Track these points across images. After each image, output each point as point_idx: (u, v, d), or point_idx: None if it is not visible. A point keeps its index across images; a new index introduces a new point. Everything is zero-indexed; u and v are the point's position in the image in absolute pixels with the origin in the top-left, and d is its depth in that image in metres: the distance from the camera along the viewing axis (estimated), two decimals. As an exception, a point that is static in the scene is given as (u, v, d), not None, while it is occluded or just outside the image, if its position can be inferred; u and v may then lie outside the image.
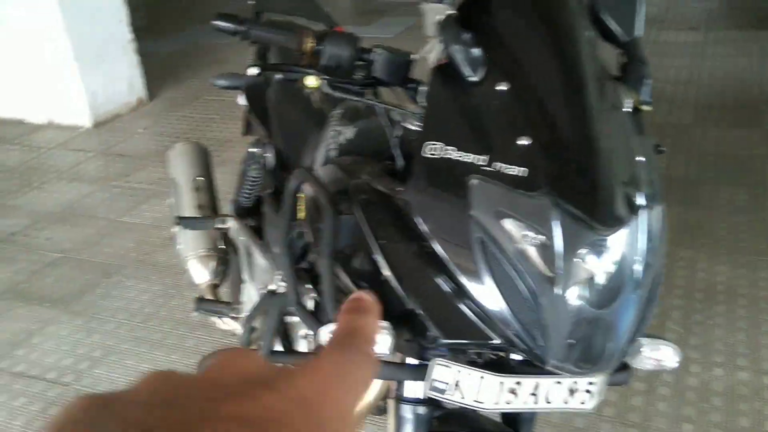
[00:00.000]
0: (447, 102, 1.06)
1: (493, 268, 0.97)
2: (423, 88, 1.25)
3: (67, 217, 3.61)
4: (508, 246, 0.96)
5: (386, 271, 1.09)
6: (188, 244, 2.19)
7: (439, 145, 1.03)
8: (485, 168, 0.99)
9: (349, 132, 1.48)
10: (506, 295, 0.96)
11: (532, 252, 0.96)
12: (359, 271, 1.17)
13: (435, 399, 1.18)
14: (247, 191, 2.22)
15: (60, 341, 2.67)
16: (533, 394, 1.05)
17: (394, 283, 1.08)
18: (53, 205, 3.74)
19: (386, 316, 1.08)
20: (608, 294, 0.96)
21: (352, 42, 1.23)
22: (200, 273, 2.16)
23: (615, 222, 0.96)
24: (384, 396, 1.52)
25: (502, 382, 1.04)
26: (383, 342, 1.04)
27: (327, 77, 1.23)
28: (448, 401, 1.06)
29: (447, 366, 1.04)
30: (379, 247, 1.12)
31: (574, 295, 0.95)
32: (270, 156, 2.04)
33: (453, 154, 1.01)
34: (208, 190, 2.35)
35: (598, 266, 0.95)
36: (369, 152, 1.42)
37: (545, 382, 1.04)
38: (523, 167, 0.97)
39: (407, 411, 1.20)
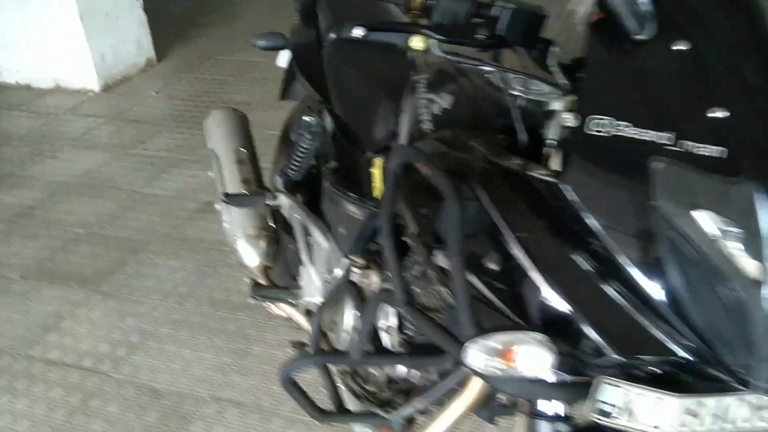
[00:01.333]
0: (611, 66, 0.87)
1: (684, 270, 0.79)
2: (555, 49, 1.06)
3: (84, 188, 3.41)
4: (704, 243, 0.78)
5: (532, 273, 0.91)
6: (236, 223, 2.01)
7: (607, 119, 0.84)
8: (670, 148, 0.81)
9: (444, 101, 1.29)
10: (701, 302, 0.79)
11: (735, 250, 0.78)
12: (487, 269, 0.99)
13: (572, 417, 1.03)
14: (298, 163, 2.02)
15: (93, 325, 2.51)
16: (715, 415, 0.88)
17: (543, 286, 0.90)
18: (69, 175, 3.54)
19: (534, 326, 0.91)
20: None
21: None
22: (251, 255, 1.99)
23: None
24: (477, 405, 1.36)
25: (684, 404, 0.87)
26: (541, 358, 0.87)
27: (440, 37, 1.03)
28: (614, 426, 0.90)
29: (616, 385, 0.87)
30: (519, 242, 0.94)
31: None
32: (328, 125, 1.84)
33: (627, 130, 0.83)
34: (251, 162, 2.16)
35: None
36: (470, 125, 1.23)
37: (727, 400, 0.87)
38: (720, 146, 0.80)
39: (545, 428, 1.03)
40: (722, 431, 0.89)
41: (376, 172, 1.54)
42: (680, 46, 0.84)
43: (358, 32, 1.08)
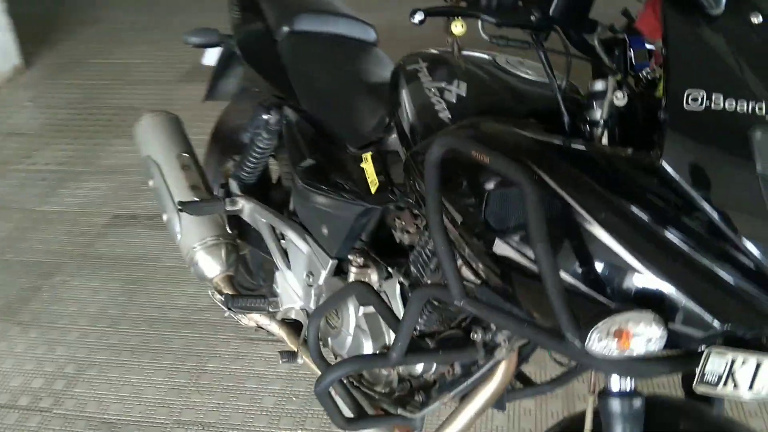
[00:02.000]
0: (694, 41, 0.88)
1: None
2: (598, 30, 1.06)
3: (-31, 212, 3.08)
4: None
5: (621, 252, 0.91)
6: (192, 233, 1.88)
7: (702, 92, 0.85)
8: (766, 116, 0.83)
9: (459, 88, 1.26)
10: None
11: None
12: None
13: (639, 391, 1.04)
14: (254, 165, 1.93)
15: (19, 360, 2.26)
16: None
17: (636, 264, 0.90)
18: (-51, 199, 3.17)
19: (623, 300, 0.91)
20: None
21: None
22: (213, 266, 1.86)
23: None
24: (501, 392, 1.35)
25: (780, 365, 0.90)
26: (653, 336, 0.87)
27: (493, 20, 1.00)
28: (719, 395, 0.91)
29: (722, 353, 0.89)
30: (600, 223, 0.93)
31: None
32: (293, 122, 1.76)
33: (720, 103, 0.84)
34: (196, 167, 2.02)
35: None
36: (492, 112, 1.21)
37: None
38: None
39: (618, 406, 1.04)
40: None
41: (368, 167, 1.49)
42: (756, 18, 0.86)
43: (418, 17, 1.02)
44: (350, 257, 1.54)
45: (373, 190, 1.46)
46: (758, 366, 0.89)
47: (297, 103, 1.73)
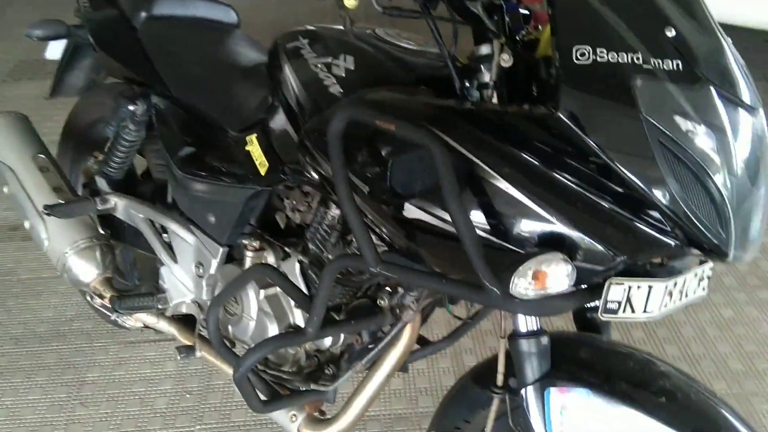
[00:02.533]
0: (576, 2, 0.96)
1: (673, 168, 0.93)
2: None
3: None
4: (688, 143, 0.92)
5: (526, 201, 0.98)
6: (61, 238, 1.77)
7: (588, 48, 0.93)
8: (644, 66, 0.93)
9: (347, 62, 1.28)
10: (690, 193, 0.93)
11: (708, 144, 0.93)
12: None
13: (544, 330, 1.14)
14: (121, 159, 1.85)
15: None
16: (680, 291, 1.05)
17: (540, 210, 0.98)
18: None
19: (532, 246, 0.98)
20: (754, 174, 0.98)
21: None
22: (89, 269, 1.77)
23: (758, 102, 0.99)
24: (407, 354, 1.41)
25: (666, 287, 1.02)
26: (564, 274, 0.95)
27: (383, -9, 1.04)
28: (620, 320, 1.02)
29: (620, 283, 0.99)
30: (504, 177, 1.00)
31: (744, 178, 0.96)
32: (163, 111, 1.71)
33: (605, 56, 0.93)
34: (55, 167, 1.90)
35: (744, 146, 0.97)
36: (383, 83, 1.24)
37: (688, 277, 1.05)
38: (677, 59, 0.94)
39: (526, 345, 1.13)
40: (682, 304, 1.06)
41: (255, 149, 1.48)
42: None
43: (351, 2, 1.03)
44: (244, 242, 1.53)
45: (262, 171, 1.46)
46: (650, 289, 1.01)
47: (166, 91, 1.67)
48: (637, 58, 0.93)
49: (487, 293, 0.99)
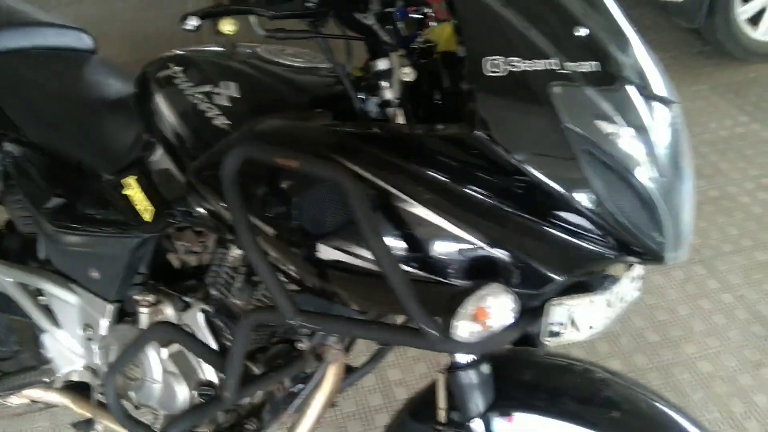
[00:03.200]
0: (482, 11, 0.88)
1: (602, 175, 0.87)
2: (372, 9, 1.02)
3: None
4: (612, 147, 0.87)
5: (453, 229, 0.90)
6: None
7: (500, 59, 0.86)
8: (560, 72, 0.86)
9: (230, 89, 1.15)
10: (622, 200, 0.88)
11: (633, 146, 0.88)
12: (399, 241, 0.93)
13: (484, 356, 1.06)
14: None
15: None
16: (619, 299, 1.00)
17: (469, 237, 0.89)
18: None
19: (466, 277, 0.90)
20: (677, 170, 0.94)
21: None
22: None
23: (674, 95, 0.95)
24: (335, 392, 1.31)
25: (605, 298, 0.96)
26: (506, 305, 0.87)
27: (266, 13, 0.92)
28: (563, 342, 0.95)
29: (561, 304, 0.93)
30: (424, 204, 0.91)
31: (671, 176, 0.91)
32: (21, 158, 1.50)
33: (519, 65, 0.86)
34: None
35: (666, 142, 0.93)
36: (274, 108, 1.12)
37: (625, 282, 1.00)
38: (592, 60, 0.88)
39: (468, 377, 1.04)
40: (621, 311, 1.01)
41: (135, 193, 1.32)
42: None
43: (192, 23, 0.88)
44: (137, 297, 1.37)
45: (147, 217, 1.30)
46: (591, 304, 0.95)
47: (20, 136, 1.47)
48: (553, 64, 0.86)
49: (424, 337, 0.90)
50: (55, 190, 1.45)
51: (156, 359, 1.35)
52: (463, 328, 0.85)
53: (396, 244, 0.93)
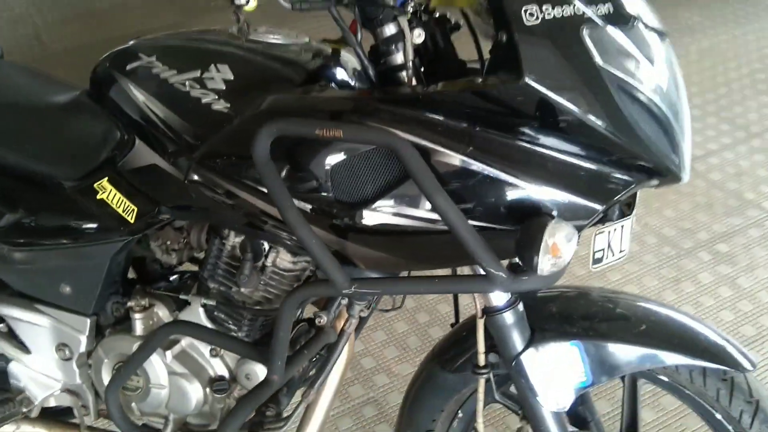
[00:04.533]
0: None
1: (634, 109, 0.94)
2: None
3: None
4: (638, 82, 0.95)
5: (498, 173, 0.94)
6: None
7: (534, 6, 0.91)
8: (586, 15, 0.93)
9: (222, 72, 1.11)
10: (650, 129, 0.96)
11: (651, 78, 0.97)
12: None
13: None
14: None
15: None
16: (631, 225, 1.10)
17: (514, 180, 0.94)
18: None
19: (512, 220, 0.95)
20: (678, 95, 1.04)
21: None
22: None
23: (665, 27, 1.04)
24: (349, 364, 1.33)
25: (631, 221, 1.05)
26: (572, 238, 0.92)
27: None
28: (606, 266, 1.03)
29: (602, 232, 1.00)
30: (470, 155, 0.95)
31: (677, 101, 1.01)
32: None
33: (552, 11, 0.91)
34: None
35: (667, 71, 1.02)
36: (275, 85, 1.10)
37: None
38: (606, 3, 0.95)
39: (509, 317, 1.10)
40: (632, 236, 1.11)
41: (111, 196, 1.24)
42: None
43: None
44: (131, 303, 1.29)
45: (131, 218, 1.23)
46: (622, 229, 1.04)
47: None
48: (578, 9, 0.93)
49: (492, 280, 0.94)
50: (6, 207, 1.33)
51: (161, 364, 1.29)
52: (546, 263, 0.90)
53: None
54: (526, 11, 0.90)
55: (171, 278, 1.38)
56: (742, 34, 3.68)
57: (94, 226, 1.27)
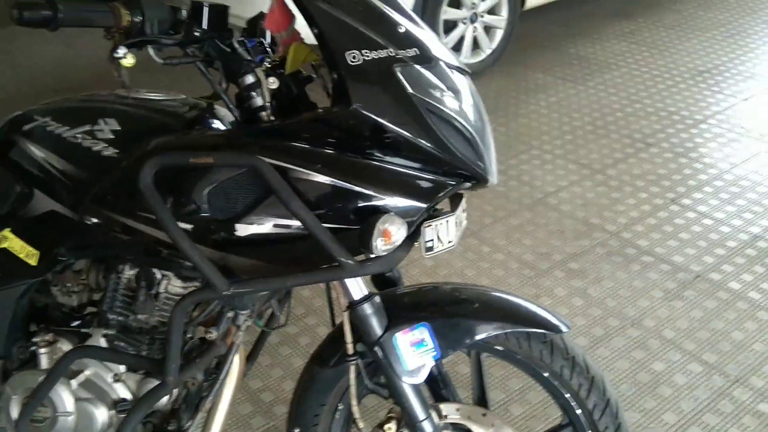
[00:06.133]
0: (332, 19, 1.18)
1: (442, 126, 1.20)
2: (236, 33, 1.27)
3: None
4: (443, 105, 1.22)
5: (342, 183, 1.18)
6: None
7: (356, 51, 1.17)
8: (398, 56, 1.20)
9: (109, 125, 1.32)
10: (456, 142, 1.22)
11: (455, 102, 1.23)
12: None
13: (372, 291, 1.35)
14: None
15: None
16: (459, 222, 1.36)
17: (355, 188, 1.18)
18: None
19: (357, 221, 1.19)
20: (480, 117, 1.32)
21: (161, 2, 1.17)
22: None
23: (466, 67, 1.33)
24: (242, 374, 1.50)
25: (455, 218, 1.31)
26: (401, 226, 1.16)
27: (170, 41, 1.15)
28: (436, 254, 1.28)
29: (429, 225, 1.25)
30: (318, 171, 1.18)
31: (478, 121, 1.29)
32: None
33: (370, 54, 1.18)
34: None
35: (470, 98, 1.30)
36: (157, 132, 1.31)
37: (460, 209, 1.36)
38: (414, 47, 1.22)
39: (367, 308, 1.32)
40: (462, 231, 1.37)
41: (15, 243, 1.40)
42: None
43: (122, 52, 1.05)
44: (36, 339, 1.43)
45: (33, 261, 1.39)
46: (447, 223, 1.29)
47: None
48: (391, 52, 1.20)
49: (343, 267, 1.17)
50: None
51: (66, 391, 1.42)
52: (380, 245, 1.14)
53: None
54: (349, 54, 1.17)
55: (73, 323, 1.52)
56: (584, 89, 4.18)
57: (-1, 273, 1.42)
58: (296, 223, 1.19)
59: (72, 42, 5.03)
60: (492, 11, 4.40)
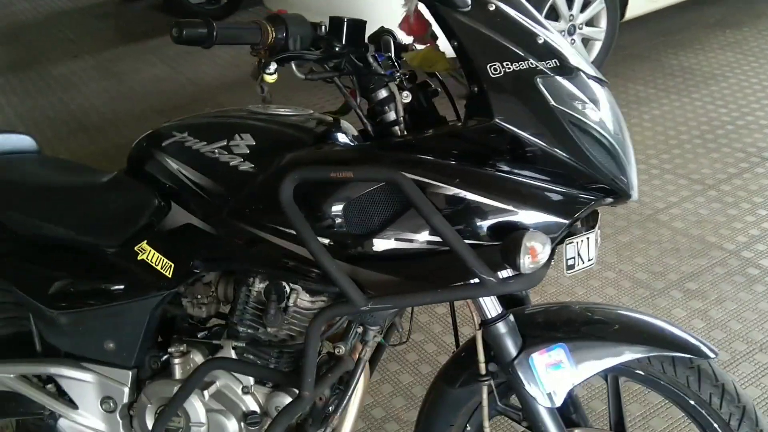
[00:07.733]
0: (472, 30, 1.16)
1: (585, 139, 1.16)
2: (371, 48, 1.27)
3: None
4: (586, 117, 1.18)
5: (482, 198, 1.15)
6: None
7: (497, 63, 1.15)
8: (538, 68, 1.16)
9: (245, 140, 1.33)
10: (600, 155, 1.18)
11: (596, 114, 1.19)
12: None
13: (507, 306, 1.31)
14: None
15: None
16: (596, 240, 1.31)
17: (495, 203, 1.15)
18: None
19: (493, 237, 1.15)
20: (621, 129, 1.26)
21: (303, 19, 1.18)
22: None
23: (605, 77, 1.28)
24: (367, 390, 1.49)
25: (595, 236, 1.26)
26: (545, 244, 1.12)
27: (313, 56, 1.16)
28: (577, 272, 1.23)
29: (571, 242, 1.21)
30: (458, 186, 1.16)
31: (620, 133, 1.24)
32: (7, 253, 1.55)
33: (511, 66, 1.15)
34: None
35: (609, 109, 1.25)
36: (290, 147, 1.32)
37: (597, 228, 1.31)
38: (553, 58, 1.19)
39: (502, 327, 1.28)
40: (598, 249, 1.32)
41: (151, 256, 1.43)
42: (491, 6, 1.18)
43: (272, 69, 1.08)
44: (170, 349, 1.46)
45: (168, 273, 1.42)
46: (588, 240, 1.24)
47: (4, 234, 1.52)
48: (531, 63, 1.17)
49: (485, 284, 1.14)
50: (52, 275, 1.51)
51: (199, 402, 1.44)
52: (527, 263, 1.10)
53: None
54: (490, 66, 1.14)
55: (200, 334, 1.55)
56: (689, 101, 4.02)
57: (135, 284, 1.46)
58: (428, 238, 1.17)
59: (177, 65, 5.24)
60: (590, 23, 4.30)
